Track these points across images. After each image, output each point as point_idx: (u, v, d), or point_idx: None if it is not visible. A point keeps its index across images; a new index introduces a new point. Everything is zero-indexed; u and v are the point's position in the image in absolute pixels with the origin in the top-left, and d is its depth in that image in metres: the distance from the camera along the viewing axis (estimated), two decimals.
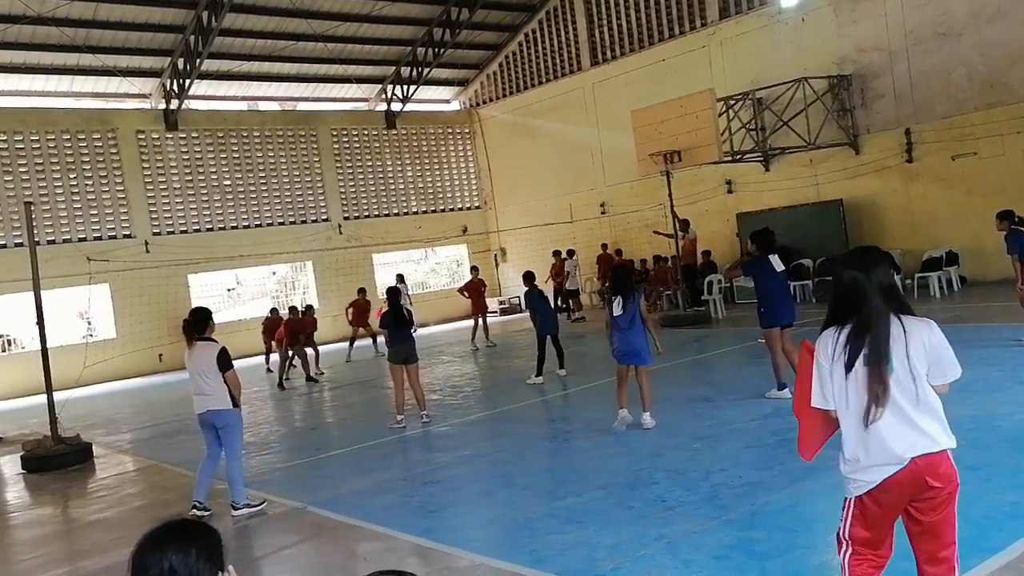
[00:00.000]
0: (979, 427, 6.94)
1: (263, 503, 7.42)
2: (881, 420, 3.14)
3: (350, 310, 19.29)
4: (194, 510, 7.40)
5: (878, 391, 3.14)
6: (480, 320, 18.51)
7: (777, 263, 9.23)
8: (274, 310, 19.58)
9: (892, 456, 3.15)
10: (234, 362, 7.66)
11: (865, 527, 3.26)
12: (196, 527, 2.22)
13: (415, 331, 11.01)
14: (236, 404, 7.55)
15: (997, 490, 5.53)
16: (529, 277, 13.64)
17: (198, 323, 7.57)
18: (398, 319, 10.56)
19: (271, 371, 18.19)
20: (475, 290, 18.92)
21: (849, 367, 3.19)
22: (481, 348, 18.07)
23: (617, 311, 8.70)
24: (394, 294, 11.08)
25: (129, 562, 2.13)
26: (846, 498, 3.32)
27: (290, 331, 16.33)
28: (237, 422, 7.61)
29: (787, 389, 8.66)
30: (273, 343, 17.80)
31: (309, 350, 16.88)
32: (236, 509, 7.35)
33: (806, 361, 3.47)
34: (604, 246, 23.78)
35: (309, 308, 17.96)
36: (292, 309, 17.17)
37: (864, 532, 3.26)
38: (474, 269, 20.50)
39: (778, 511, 5.66)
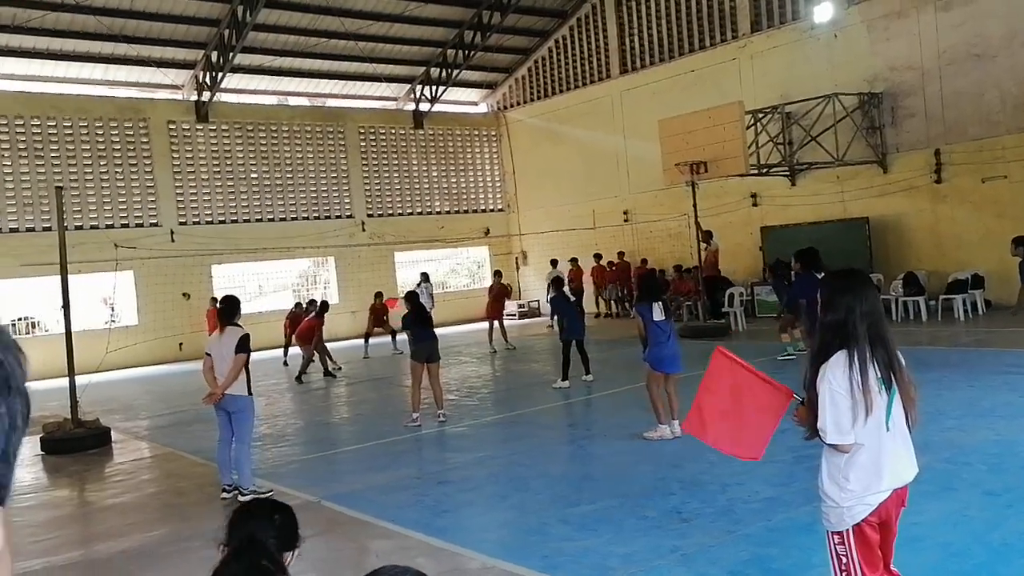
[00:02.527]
0: (1002, 453, 6.87)
1: (270, 491, 7.47)
2: (893, 445, 3.19)
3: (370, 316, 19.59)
4: (224, 493, 7.67)
5: (909, 403, 3.22)
6: (497, 323, 18.54)
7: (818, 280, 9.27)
8: (299, 304, 19.73)
9: (897, 480, 3.22)
10: (256, 353, 7.80)
11: (871, 552, 3.25)
12: (281, 509, 2.70)
13: None
14: (249, 391, 7.74)
15: (1017, 516, 5.47)
16: (557, 282, 13.63)
17: (233, 309, 7.85)
18: (422, 318, 10.66)
19: (287, 364, 18.29)
20: (497, 294, 19.00)
21: (888, 388, 3.18)
22: (499, 351, 18.07)
23: (659, 316, 8.65)
24: (414, 297, 11.18)
25: (226, 522, 2.66)
26: (837, 531, 3.24)
27: (317, 325, 16.39)
28: (250, 408, 7.78)
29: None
30: (294, 337, 17.81)
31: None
32: (243, 495, 7.45)
33: (725, 367, 3.56)
34: (621, 254, 23.88)
35: (324, 304, 18.00)
36: (311, 303, 17.29)
37: (872, 556, 3.26)
38: (496, 273, 20.54)
39: (796, 528, 5.62)
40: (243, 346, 7.60)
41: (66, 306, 11.28)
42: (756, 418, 3.49)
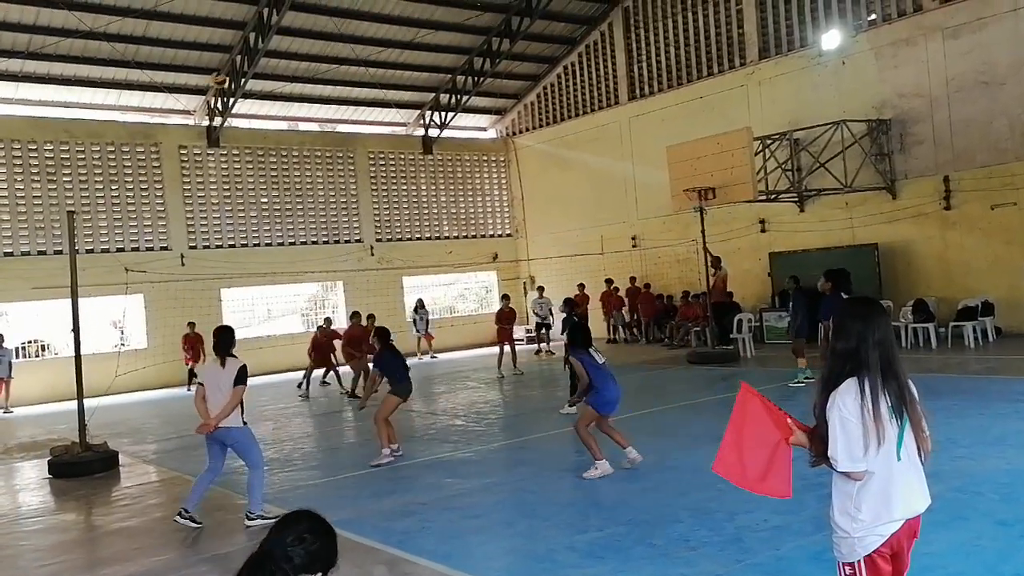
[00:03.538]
0: (1014, 482, 6.81)
1: (277, 518, 7.38)
2: (905, 475, 3.16)
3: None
4: (178, 517, 7.57)
5: (920, 433, 3.19)
6: (507, 347, 18.50)
7: None
8: (328, 320, 19.99)
9: (909, 510, 3.17)
10: (264, 377, 7.79)
11: None
12: (316, 530, 2.60)
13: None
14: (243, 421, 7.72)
15: None
16: (569, 303, 13.61)
17: (229, 340, 7.74)
18: (399, 356, 10.49)
19: (327, 383, 18.44)
20: (505, 318, 18.91)
21: (900, 418, 3.15)
22: (507, 376, 18.00)
23: (600, 360, 8.70)
24: (385, 336, 10.63)
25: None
26: (849, 562, 3.19)
27: (365, 336, 16.18)
28: (246, 437, 7.72)
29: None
30: (341, 348, 17.63)
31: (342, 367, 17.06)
32: (250, 519, 7.46)
33: (753, 407, 3.41)
34: (633, 279, 23.88)
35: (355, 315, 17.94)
36: (355, 315, 17.54)
37: None
38: (504, 297, 20.48)
39: (805, 557, 5.57)
40: (242, 377, 7.53)
41: (76, 329, 11.32)
42: (781, 454, 3.38)
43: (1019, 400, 10.32)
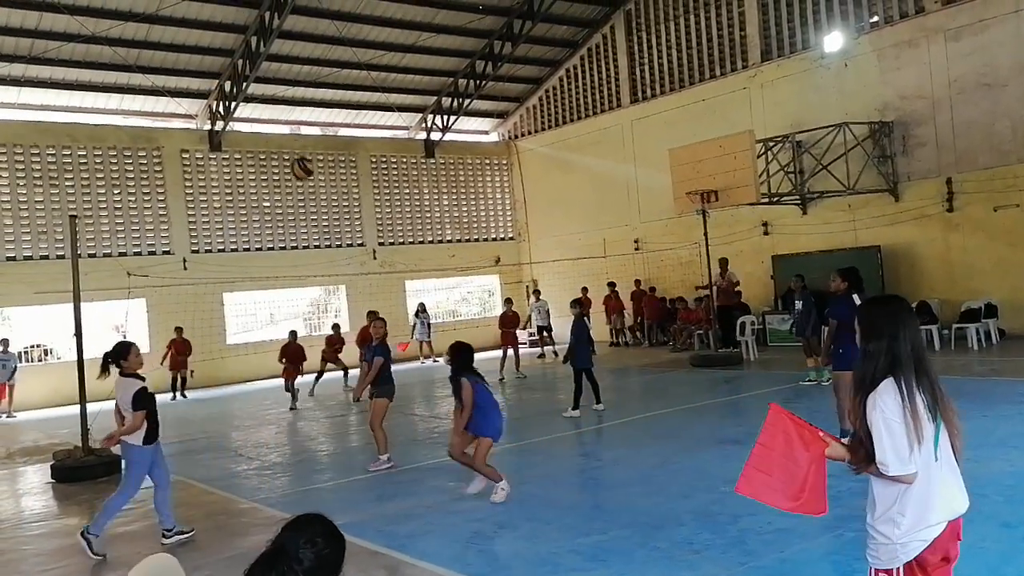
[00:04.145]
0: (1017, 484, 6.78)
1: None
2: (943, 475, 3.06)
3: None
4: (163, 539, 7.41)
5: (954, 432, 3.11)
6: (511, 351, 18.49)
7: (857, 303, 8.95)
8: (336, 326, 20.02)
9: (950, 511, 3.07)
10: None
11: None
12: (335, 536, 2.59)
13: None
14: (150, 440, 7.40)
15: None
16: (578, 304, 13.57)
17: (115, 355, 7.43)
18: (390, 355, 10.36)
19: (349, 386, 18.43)
20: (508, 322, 18.93)
21: (935, 417, 3.06)
22: (509, 379, 17.99)
23: (484, 391, 7.98)
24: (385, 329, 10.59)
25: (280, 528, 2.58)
26: (886, 569, 3.07)
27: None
28: (137, 460, 7.39)
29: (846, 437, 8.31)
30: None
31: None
32: (87, 533, 7.18)
33: (783, 426, 3.24)
34: (637, 282, 23.87)
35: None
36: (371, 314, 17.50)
37: None
38: (507, 301, 20.46)
39: (809, 560, 5.56)
40: (139, 401, 7.25)
41: (79, 334, 11.32)
42: (816, 471, 3.23)
43: (1023, 402, 10.29)
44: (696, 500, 7.27)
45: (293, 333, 17.64)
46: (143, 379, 7.48)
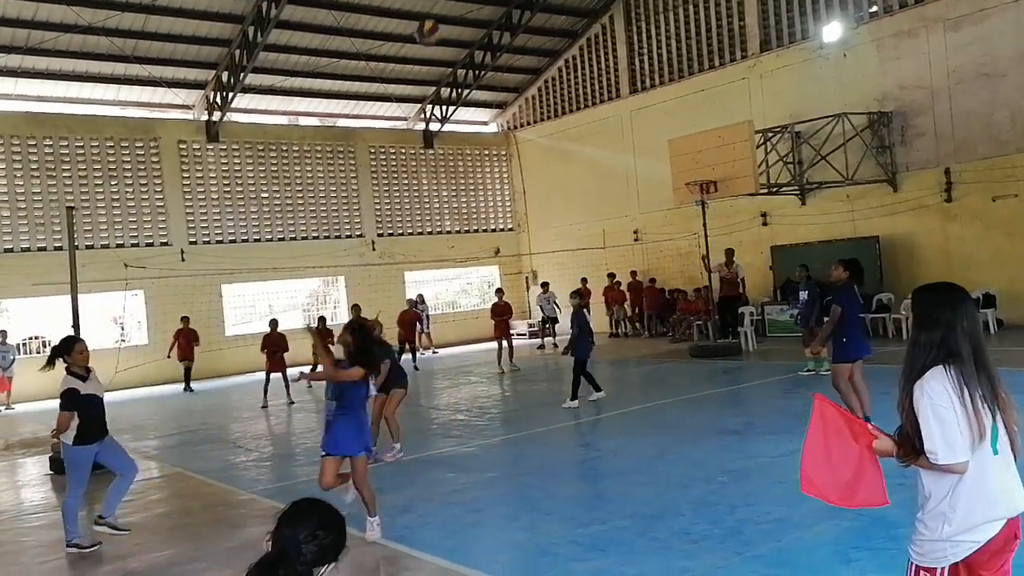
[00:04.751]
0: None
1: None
2: (1001, 470, 2.88)
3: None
4: (95, 524, 7.32)
5: (1012, 427, 2.93)
6: (505, 343, 18.36)
7: (858, 294, 9.07)
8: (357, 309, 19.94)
9: (1011, 508, 2.87)
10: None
11: None
12: (327, 518, 2.56)
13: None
14: (82, 441, 7.20)
15: None
16: (579, 295, 13.55)
17: (61, 350, 7.37)
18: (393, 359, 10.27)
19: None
20: (499, 312, 18.81)
21: (993, 410, 2.90)
22: (507, 371, 17.89)
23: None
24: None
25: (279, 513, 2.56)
26: (929, 568, 2.89)
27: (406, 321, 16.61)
28: (75, 461, 7.23)
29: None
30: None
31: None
32: (68, 544, 7.11)
33: (831, 417, 3.13)
34: (634, 273, 23.84)
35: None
36: (410, 302, 17.56)
37: None
38: (498, 291, 20.33)
39: (806, 549, 5.57)
40: (64, 401, 7.14)
41: (76, 325, 11.31)
42: (869, 461, 3.12)
43: (1019, 391, 10.29)
44: (695, 490, 7.28)
45: (273, 322, 16.83)
46: (84, 377, 7.30)
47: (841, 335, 8.82)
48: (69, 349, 7.35)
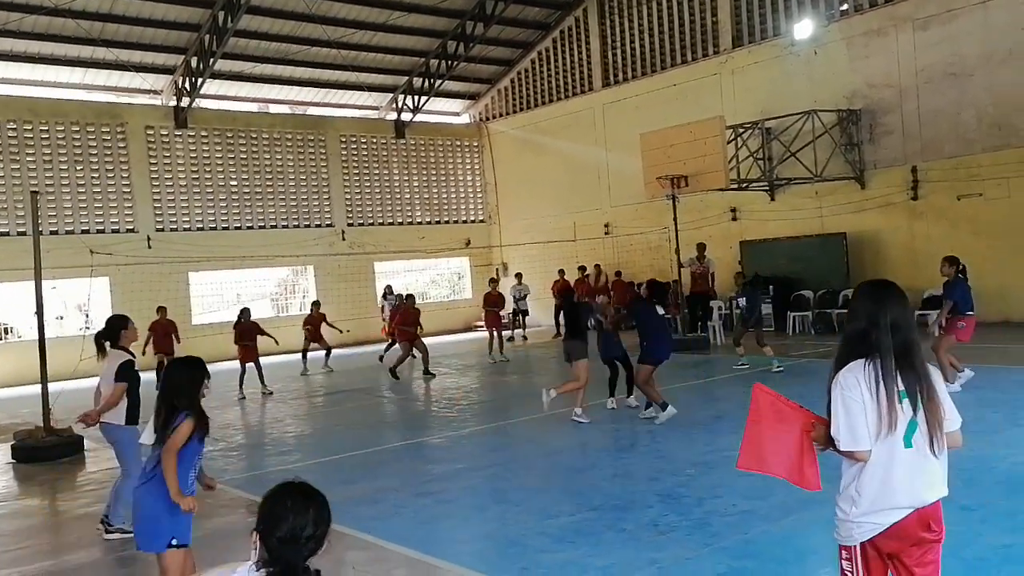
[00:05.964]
0: (975, 468, 6.91)
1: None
2: (912, 462, 3.02)
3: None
4: (106, 533, 7.05)
5: (935, 425, 3.04)
6: (496, 333, 18.40)
7: (660, 311, 11.05)
8: (316, 303, 19.85)
9: (915, 499, 3.02)
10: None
11: (879, 574, 3.10)
12: (317, 505, 2.60)
13: None
14: (133, 421, 7.13)
15: (991, 532, 5.51)
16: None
17: (111, 332, 7.31)
18: None
19: (330, 366, 18.50)
20: (491, 302, 18.92)
21: (915, 406, 3.03)
22: (498, 361, 17.92)
23: (148, 438, 4.94)
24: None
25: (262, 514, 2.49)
26: (846, 546, 3.12)
27: (403, 321, 16.52)
28: (127, 440, 7.06)
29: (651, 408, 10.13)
30: (396, 331, 17.57)
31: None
32: (108, 531, 6.95)
33: (769, 405, 3.28)
34: (619, 273, 23.89)
35: (411, 298, 17.55)
36: (409, 297, 17.39)
37: None
38: (492, 280, 20.45)
39: (772, 541, 5.64)
40: (122, 374, 7.03)
41: (40, 312, 11.14)
42: (807, 445, 3.24)
43: (980, 388, 10.50)
44: (663, 483, 7.34)
45: (244, 311, 16.49)
46: (133, 355, 7.25)
47: (643, 341, 10.49)
48: (125, 325, 7.31)
